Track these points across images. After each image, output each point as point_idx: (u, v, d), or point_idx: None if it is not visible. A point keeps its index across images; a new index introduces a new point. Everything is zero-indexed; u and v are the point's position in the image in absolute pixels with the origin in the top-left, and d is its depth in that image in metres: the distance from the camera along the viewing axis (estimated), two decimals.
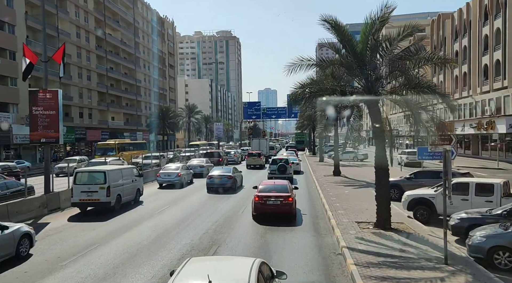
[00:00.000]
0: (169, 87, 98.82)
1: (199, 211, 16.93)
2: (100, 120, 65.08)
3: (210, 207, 17.91)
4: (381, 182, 12.38)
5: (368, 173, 29.32)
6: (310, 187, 23.63)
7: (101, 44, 65.84)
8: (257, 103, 70.69)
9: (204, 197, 21.22)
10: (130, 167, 22.06)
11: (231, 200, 19.95)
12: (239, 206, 17.88)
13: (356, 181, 24.81)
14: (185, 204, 19.19)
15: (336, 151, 30.09)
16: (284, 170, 25.83)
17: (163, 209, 17.60)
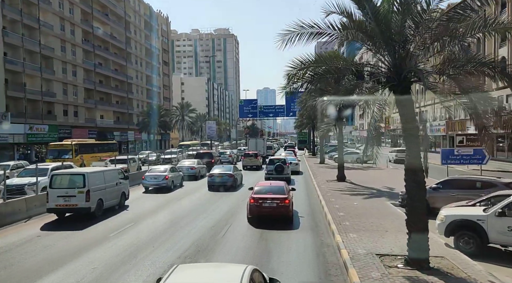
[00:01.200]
0: (163, 84, 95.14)
1: (189, 216, 15.78)
2: (87, 119, 61.46)
3: (203, 212, 16.73)
4: (415, 201, 8.82)
5: (377, 178, 26.00)
6: (312, 195, 20.01)
7: (88, 38, 62.15)
8: (253, 101, 67.08)
9: (196, 201, 19.94)
10: (115, 168, 20.70)
11: (228, 201, 19.51)
12: (235, 209, 17.10)
13: (365, 188, 21.23)
14: (175, 208, 18.18)
15: (341, 152, 26.48)
16: (281, 170, 25.33)
17: (150, 215, 16.30)
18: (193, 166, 30.27)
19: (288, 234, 12.31)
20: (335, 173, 28.09)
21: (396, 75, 8.32)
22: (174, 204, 19.58)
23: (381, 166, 36.66)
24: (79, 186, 15.38)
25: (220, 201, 19.51)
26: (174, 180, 25.22)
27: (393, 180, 24.28)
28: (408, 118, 8.88)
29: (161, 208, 18.22)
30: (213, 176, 23.61)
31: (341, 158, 25.18)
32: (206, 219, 15.04)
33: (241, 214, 15.43)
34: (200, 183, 27.51)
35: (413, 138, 8.98)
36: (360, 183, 23.48)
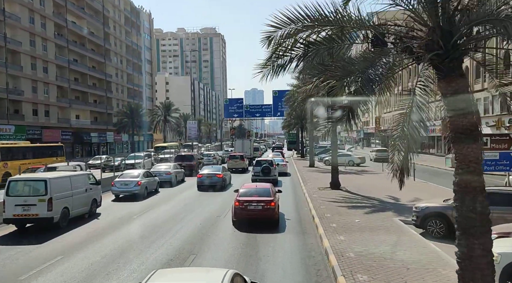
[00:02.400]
0: (146, 83, 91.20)
1: (168, 224, 14.60)
2: (60, 119, 57.31)
3: (180, 220, 15.43)
4: (474, 249, 5.56)
5: (375, 184, 22.95)
6: (301, 209, 16.70)
7: (62, 32, 58.03)
8: (239, 100, 63.83)
9: (173, 208, 18.25)
10: (84, 173, 19.19)
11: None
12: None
13: (364, 199, 18.11)
14: (152, 216, 16.63)
15: (335, 155, 23.24)
16: (268, 171, 25.11)
17: (123, 224, 15.00)
18: (169, 170, 27.20)
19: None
20: (327, 178, 25.05)
21: (443, 41, 5.17)
22: (151, 211, 17.77)
23: (375, 169, 33.80)
24: (40, 193, 13.94)
25: (200, 208, 18.05)
26: (149, 186, 22.84)
27: (394, 188, 21.24)
28: (460, 109, 5.77)
29: (136, 215, 16.63)
30: (203, 176, 23.77)
31: (335, 162, 22.01)
32: (187, 225, 14.28)
33: (225, 221, 14.32)
34: (177, 190, 24.87)
35: (469, 140, 5.85)
36: (358, 191, 20.36)
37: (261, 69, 6.40)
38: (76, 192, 15.60)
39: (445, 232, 11.17)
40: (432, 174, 28.99)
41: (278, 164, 29.19)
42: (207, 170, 24.73)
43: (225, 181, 24.31)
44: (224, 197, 20.54)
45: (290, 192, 21.73)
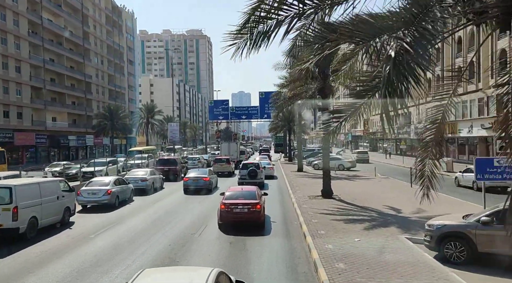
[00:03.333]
0: (129, 85, 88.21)
1: (146, 234, 13.56)
2: (35, 121, 54.18)
3: (161, 228, 14.53)
4: None
5: (370, 192, 20.85)
6: (290, 224, 14.34)
7: (37, 30, 55.01)
8: (225, 102, 61.52)
9: (149, 219, 16.57)
10: (54, 179, 18.25)
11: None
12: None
13: (361, 210, 15.99)
14: (130, 224, 15.46)
15: (327, 160, 21.09)
16: (255, 174, 25.04)
17: (98, 233, 13.83)
18: (145, 177, 24.78)
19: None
20: (317, 184, 23.04)
21: None
22: (120, 224, 15.86)
23: (367, 174, 31.94)
24: (4, 201, 12.99)
25: (179, 216, 16.63)
26: (121, 195, 20.57)
27: (391, 195, 19.34)
28: None
29: (112, 224, 15.45)
30: (189, 179, 23.46)
31: (327, 168, 19.87)
32: (168, 232, 13.74)
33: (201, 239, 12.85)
34: (154, 198, 22.62)
35: None
36: (353, 200, 18.29)
37: (233, 40, 4.28)
38: (46, 200, 14.56)
39: (466, 256, 9.10)
40: None
41: (265, 167, 29.45)
42: (193, 173, 24.35)
43: (211, 184, 24.04)
44: (210, 201, 20.05)
45: (277, 201, 19.53)
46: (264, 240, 12.17)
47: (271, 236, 12.60)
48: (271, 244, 11.68)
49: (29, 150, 52.88)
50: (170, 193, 24.37)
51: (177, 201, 21.59)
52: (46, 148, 56.43)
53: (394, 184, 24.53)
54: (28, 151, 52.89)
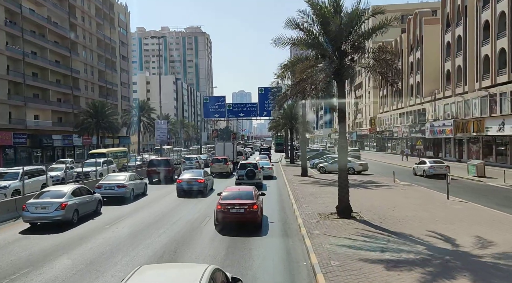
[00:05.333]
0: (122, 82, 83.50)
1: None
2: (13, 119, 49.51)
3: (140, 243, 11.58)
4: None
5: (397, 206, 15.76)
6: (297, 274, 9.74)
7: (15, 19, 50.33)
8: (221, 99, 56.84)
9: (120, 238, 12.88)
10: None
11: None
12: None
13: (398, 239, 11.05)
14: (82, 251, 11.41)
15: (344, 162, 15.95)
16: (252, 175, 24.55)
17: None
18: (122, 182, 20.96)
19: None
20: (328, 194, 18.67)
21: None
22: (77, 245, 12.12)
23: (384, 179, 27.23)
24: None
25: (150, 238, 12.89)
26: (81, 208, 16.38)
27: (429, 214, 14.57)
28: None
29: (59, 251, 11.45)
30: (182, 181, 22.18)
31: (344, 176, 15.03)
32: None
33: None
34: (131, 207, 18.97)
35: None
36: (380, 220, 13.48)
37: None
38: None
39: None
40: (460, 188, 22.48)
41: (263, 167, 28.80)
42: (187, 175, 22.89)
43: (206, 187, 22.68)
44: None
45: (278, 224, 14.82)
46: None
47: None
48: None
49: (6, 150, 48.25)
50: (153, 200, 21.09)
51: (159, 211, 17.60)
52: (26, 148, 51.81)
53: (423, 195, 19.78)
54: (6, 152, 48.26)
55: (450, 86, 43.04)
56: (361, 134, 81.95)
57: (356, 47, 13.39)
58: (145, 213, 17.15)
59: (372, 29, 13.23)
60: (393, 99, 60.94)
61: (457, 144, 42.77)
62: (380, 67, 13.35)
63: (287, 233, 12.76)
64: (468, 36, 38.96)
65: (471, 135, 38.04)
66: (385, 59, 13.29)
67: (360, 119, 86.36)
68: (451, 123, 40.70)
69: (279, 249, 10.94)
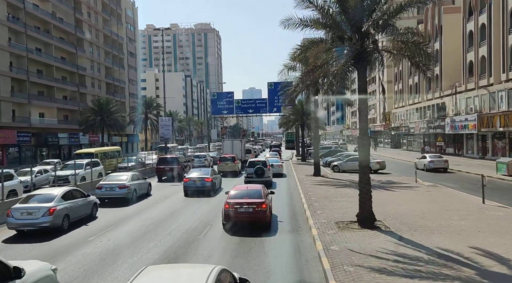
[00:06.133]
0: (129, 79, 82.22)
1: None
2: (17, 117, 48.41)
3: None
4: None
5: (424, 211, 13.68)
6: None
7: (18, 15, 49.08)
8: (229, 94, 54.93)
9: (101, 255, 10.95)
10: None
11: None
12: None
13: (439, 259, 8.95)
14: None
15: (366, 159, 13.52)
16: (262, 173, 24.14)
17: None
18: (124, 183, 19.80)
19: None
20: (345, 198, 16.75)
21: None
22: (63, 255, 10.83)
23: (404, 179, 24.98)
24: None
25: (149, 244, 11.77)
26: (72, 213, 15.01)
27: (467, 223, 12.41)
28: None
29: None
30: (190, 180, 21.53)
31: (366, 179, 12.89)
32: None
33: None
34: (131, 210, 17.58)
35: None
36: (411, 232, 11.32)
37: None
38: None
39: None
40: (493, 190, 20.08)
41: (273, 164, 28.17)
42: (194, 174, 22.22)
43: (214, 186, 21.97)
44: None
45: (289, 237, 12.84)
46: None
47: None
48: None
49: (10, 149, 47.15)
50: (155, 202, 19.84)
51: (157, 216, 15.90)
52: (32, 146, 50.70)
53: (453, 198, 17.54)
54: (9, 151, 47.16)
55: (473, 79, 40.39)
56: (375, 131, 79.28)
57: (382, 26, 11.24)
58: (142, 219, 15.47)
59: (403, 4, 11.08)
60: (409, 93, 58.26)
61: (480, 139, 40.12)
62: (409, 51, 11.20)
63: (299, 248, 10.73)
64: (493, 24, 36.29)
65: (497, 131, 35.43)
66: (415, 42, 11.15)
67: (373, 115, 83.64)
68: (475, 118, 38.07)
69: (290, 272, 8.94)
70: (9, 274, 5.83)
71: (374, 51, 11.69)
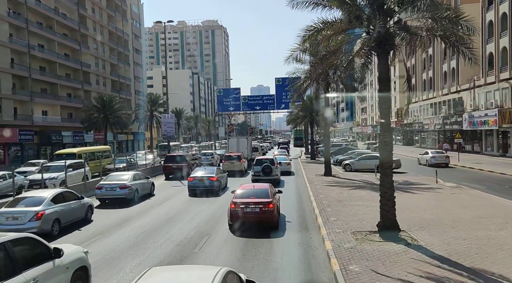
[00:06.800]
0: (135, 76, 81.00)
1: None
2: (19, 115, 47.34)
3: None
4: None
5: (454, 218, 11.73)
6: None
7: (19, 10, 47.91)
8: (235, 91, 53.27)
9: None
10: None
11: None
12: None
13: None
14: None
15: (389, 159, 11.65)
16: (269, 171, 23.55)
17: None
18: (125, 183, 18.87)
19: None
20: (360, 201, 15.16)
21: None
22: None
23: (423, 179, 23.07)
24: None
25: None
26: (64, 217, 13.85)
27: (509, 229, 10.56)
28: None
29: None
30: (194, 179, 20.91)
31: (389, 182, 11.10)
32: None
33: None
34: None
35: None
36: (445, 248, 9.44)
37: None
38: None
39: None
40: None
41: (281, 162, 27.76)
42: (199, 172, 21.58)
43: (220, 185, 21.31)
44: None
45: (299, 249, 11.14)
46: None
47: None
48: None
49: (12, 148, 46.10)
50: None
51: (151, 223, 14.42)
52: (34, 145, 49.63)
53: (483, 201, 15.62)
54: (11, 149, 46.11)
55: (494, 71, 38.14)
56: None
57: (408, 1, 9.42)
58: (133, 227, 13.93)
59: None
60: (423, 89, 55.99)
61: (501, 136, 37.88)
62: (442, 30, 9.36)
63: (310, 267, 9.00)
64: None
65: None
66: (448, 17, 9.31)
67: None
68: (495, 113, 35.86)
69: None
70: (50, 254, 6.69)
71: (399, 31, 9.86)
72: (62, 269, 6.87)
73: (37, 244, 6.74)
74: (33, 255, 6.59)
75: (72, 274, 7.13)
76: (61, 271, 6.84)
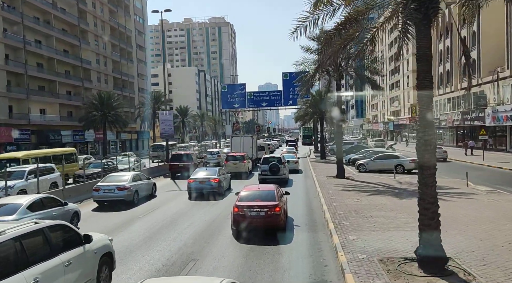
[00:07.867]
0: (139, 73, 78.88)
1: None
2: (15, 114, 45.38)
3: None
4: None
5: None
6: None
7: (14, 4, 45.88)
8: (240, 87, 50.69)
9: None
10: None
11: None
12: None
13: None
14: None
15: (432, 162, 9.21)
16: (276, 170, 22.66)
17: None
18: (123, 184, 17.82)
19: None
20: (381, 210, 12.62)
21: None
22: None
23: (451, 183, 20.24)
24: None
25: None
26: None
27: None
28: None
29: None
30: (195, 181, 19.55)
31: (433, 196, 8.50)
32: None
33: None
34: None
35: None
36: None
37: None
38: None
39: None
40: None
41: (289, 161, 27.21)
42: (200, 173, 20.43)
43: (222, 187, 20.16)
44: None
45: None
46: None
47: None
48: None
49: (7, 147, 44.14)
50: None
51: (142, 232, 12.75)
52: (32, 145, 47.63)
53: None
54: (7, 149, 44.15)
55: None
56: (399, 124, 73.84)
57: None
58: (128, 233, 11.81)
59: None
60: (439, 82, 52.82)
61: None
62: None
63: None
64: None
65: None
66: None
67: (397, 107, 78.17)
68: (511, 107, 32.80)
69: None
70: (80, 240, 7.24)
71: None
72: (91, 253, 7.32)
73: (69, 230, 7.27)
74: (66, 240, 7.07)
75: (99, 258, 7.56)
76: (90, 255, 7.29)
